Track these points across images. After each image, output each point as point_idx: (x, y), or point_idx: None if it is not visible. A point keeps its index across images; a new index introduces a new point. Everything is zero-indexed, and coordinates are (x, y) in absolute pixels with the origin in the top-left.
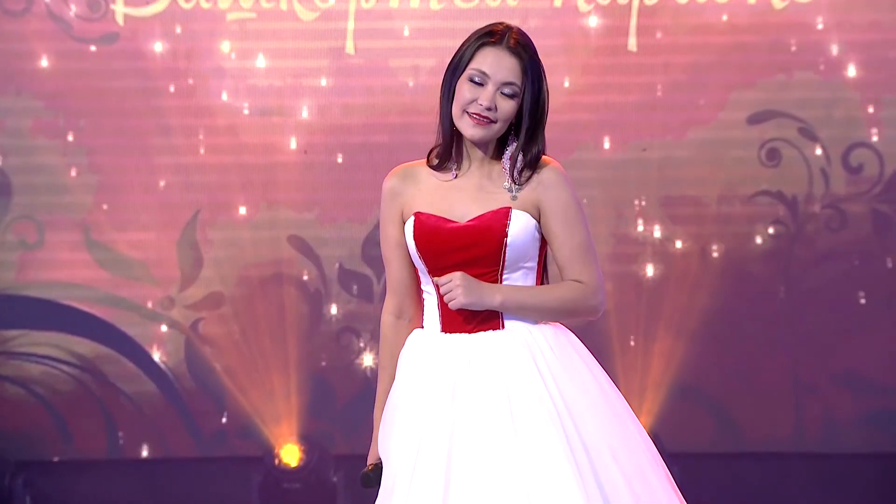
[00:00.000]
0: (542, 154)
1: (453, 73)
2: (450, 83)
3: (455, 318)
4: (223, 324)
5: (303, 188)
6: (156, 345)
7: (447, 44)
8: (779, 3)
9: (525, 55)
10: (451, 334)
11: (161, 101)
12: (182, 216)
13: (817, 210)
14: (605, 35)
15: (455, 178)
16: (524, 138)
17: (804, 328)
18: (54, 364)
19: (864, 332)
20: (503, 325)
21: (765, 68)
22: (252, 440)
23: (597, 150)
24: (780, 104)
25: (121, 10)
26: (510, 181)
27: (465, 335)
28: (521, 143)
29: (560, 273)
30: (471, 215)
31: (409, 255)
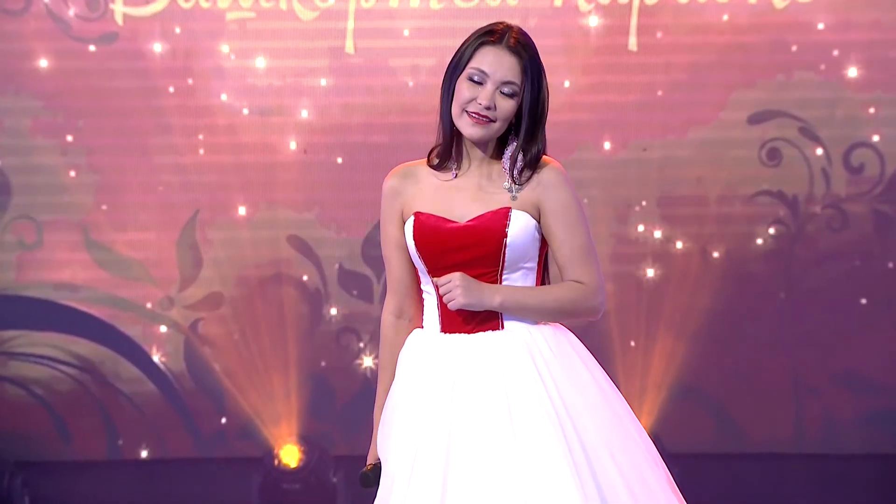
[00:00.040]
0: (542, 154)
1: (453, 72)
2: (450, 82)
3: (454, 319)
4: (223, 324)
5: (302, 188)
6: (155, 345)
7: (447, 43)
8: (779, 2)
9: (525, 54)
10: (450, 334)
11: (160, 100)
12: (181, 216)
13: (818, 210)
14: (606, 34)
15: (455, 177)
16: (524, 138)
17: (804, 328)
18: (53, 364)
19: (864, 333)
20: (503, 325)
21: (765, 68)
22: (252, 441)
23: (597, 150)
24: (781, 104)
25: (120, 9)
26: (510, 181)
27: (465, 335)
28: (520, 143)
29: (560, 273)
30: (471, 215)
31: (410, 255)
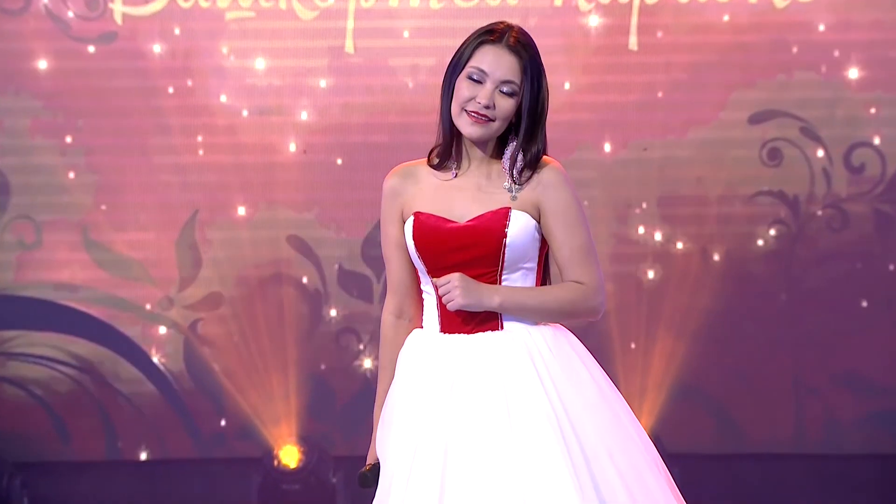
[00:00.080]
0: (542, 154)
1: (453, 71)
2: (450, 81)
3: (454, 319)
4: (222, 324)
5: (302, 188)
6: (154, 345)
7: (447, 43)
8: (780, 2)
9: (525, 54)
10: (449, 335)
11: (160, 100)
12: (181, 216)
13: (819, 210)
14: (606, 34)
15: (455, 177)
16: (523, 137)
17: (805, 329)
18: (52, 365)
19: (865, 333)
20: (502, 325)
21: (766, 68)
22: (251, 441)
23: (597, 149)
24: (782, 104)
25: (119, 9)
26: (510, 181)
27: (464, 336)
28: (520, 143)
29: (560, 274)
30: (470, 215)
31: (410, 255)
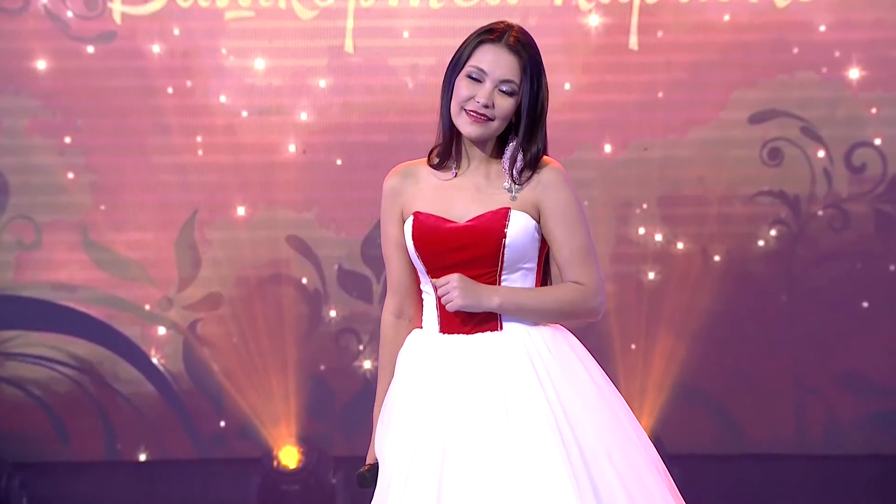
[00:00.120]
0: (542, 154)
1: (453, 70)
2: (450, 80)
3: (453, 319)
4: (221, 325)
5: (301, 188)
6: (154, 346)
7: (447, 42)
8: (781, 1)
9: (524, 53)
10: (449, 335)
11: (159, 100)
12: (180, 216)
13: (819, 210)
14: (606, 34)
15: (455, 177)
16: (523, 137)
17: (806, 329)
18: (51, 365)
19: (865, 333)
20: (501, 326)
21: (767, 67)
22: (250, 442)
23: (597, 149)
24: (782, 103)
25: (118, 8)
26: (510, 181)
27: (463, 336)
28: (519, 142)
29: (560, 274)
30: (470, 215)
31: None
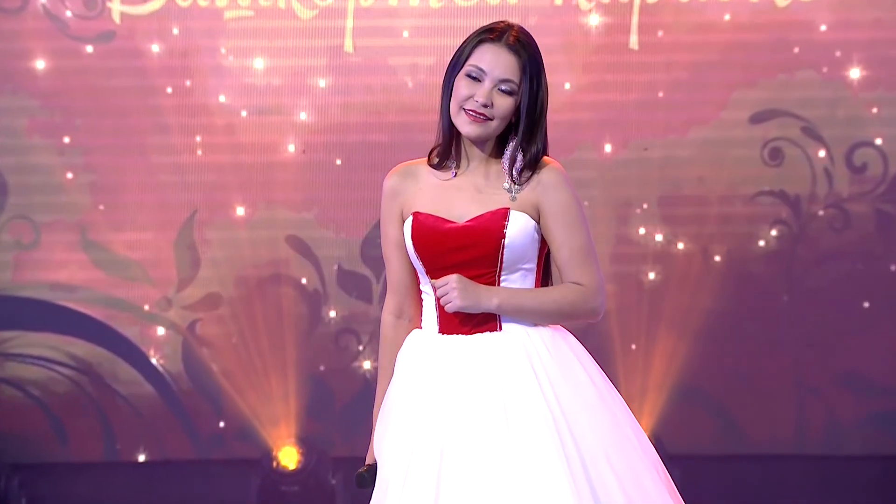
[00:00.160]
0: (542, 154)
1: (453, 70)
2: (449, 80)
3: (452, 320)
4: (221, 325)
5: (301, 188)
6: (153, 346)
7: (447, 42)
8: (781, 1)
9: (524, 53)
10: (448, 335)
11: (158, 100)
12: (179, 216)
13: (820, 210)
14: (606, 33)
15: (455, 177)
16: (522, 137)
17: (806, 329)
18: (50, 366)
19: (866, 333)
20: (500, 326)
21: (767, 67)
22: (250, 442)
23: (597, 149)
24: (783, 103)
25: (117, 8)
26: (510, 181)
27: (463, 337)
28: (519, 142)
29: (560, 275)
30: (469, 215)
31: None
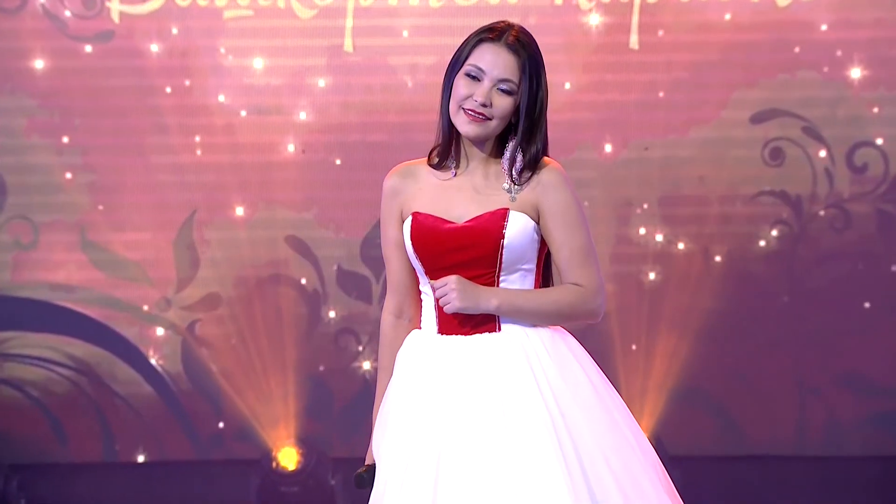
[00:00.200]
0: (541, 154)
1: (452, 69)
2: (449, 79)
3: (451, 321)
4: (220, 325)
5: (300, 188)
6: (152, 347)
7: (446, 42)
8: (782, 1)
9: (524, 53)
10: (447, 336)
11: (157, 99)
12: (178, 216)
13: (821, 210)
14: (607, 33)
15: (454, 177)
16: (522, 137)
17: (807, 330)
18: (49, 366)
19: (866, 334)
20: (500, 327)
21: (768, 67)
22: (249, 443)
23: (598, 149)
24: (784, 103)
25: (116, 7)
26: (509, 182)
27: (462, 337)
28: (518, 143)
29: (559, 275)
30: (469, 216)
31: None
